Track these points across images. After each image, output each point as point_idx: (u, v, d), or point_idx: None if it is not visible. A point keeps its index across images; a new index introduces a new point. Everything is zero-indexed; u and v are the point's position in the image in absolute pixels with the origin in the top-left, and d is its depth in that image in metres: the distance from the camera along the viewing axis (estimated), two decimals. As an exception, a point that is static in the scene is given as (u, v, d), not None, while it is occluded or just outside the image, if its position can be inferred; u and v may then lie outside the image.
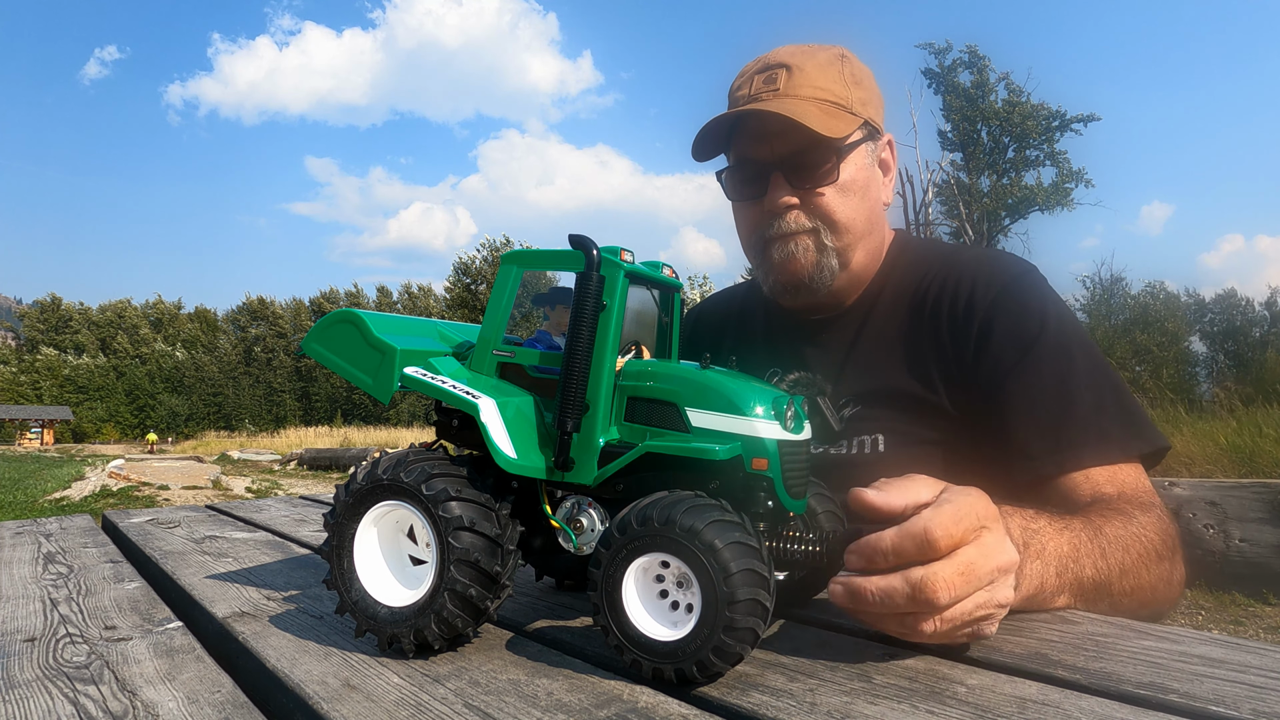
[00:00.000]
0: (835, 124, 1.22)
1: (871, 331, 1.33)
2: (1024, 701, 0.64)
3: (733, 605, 0.65)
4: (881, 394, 1.27)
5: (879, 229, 1.36)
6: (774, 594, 0.68)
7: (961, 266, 1.30)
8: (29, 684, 0.76)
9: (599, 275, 0.77)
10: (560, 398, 0.78)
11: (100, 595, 1.11)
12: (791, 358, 1.38)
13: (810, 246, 1.28)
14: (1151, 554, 0.98)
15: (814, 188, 1.26)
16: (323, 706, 0.66)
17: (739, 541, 0.67)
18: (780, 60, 1.28)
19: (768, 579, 0.67)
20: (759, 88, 1.27)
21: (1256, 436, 5.64)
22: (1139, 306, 20.58)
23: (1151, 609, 1.01)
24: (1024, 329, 1.20)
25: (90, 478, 14.14)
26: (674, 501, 0.69)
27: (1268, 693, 0.64)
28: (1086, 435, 1.13)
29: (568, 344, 0.77)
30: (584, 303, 0.76)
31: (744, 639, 0.66)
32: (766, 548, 0.70)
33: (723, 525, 0.68)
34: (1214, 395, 8.85)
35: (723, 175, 1.36)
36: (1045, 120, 21.01)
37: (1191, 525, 4.20)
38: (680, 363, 0.84)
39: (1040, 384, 1.17)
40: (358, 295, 70.21)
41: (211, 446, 34.45)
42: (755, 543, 0.68)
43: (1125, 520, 0.99)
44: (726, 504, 0.70)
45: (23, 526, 1.77)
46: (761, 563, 0.67)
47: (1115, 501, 1.05)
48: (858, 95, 1.28)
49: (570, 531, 0.80)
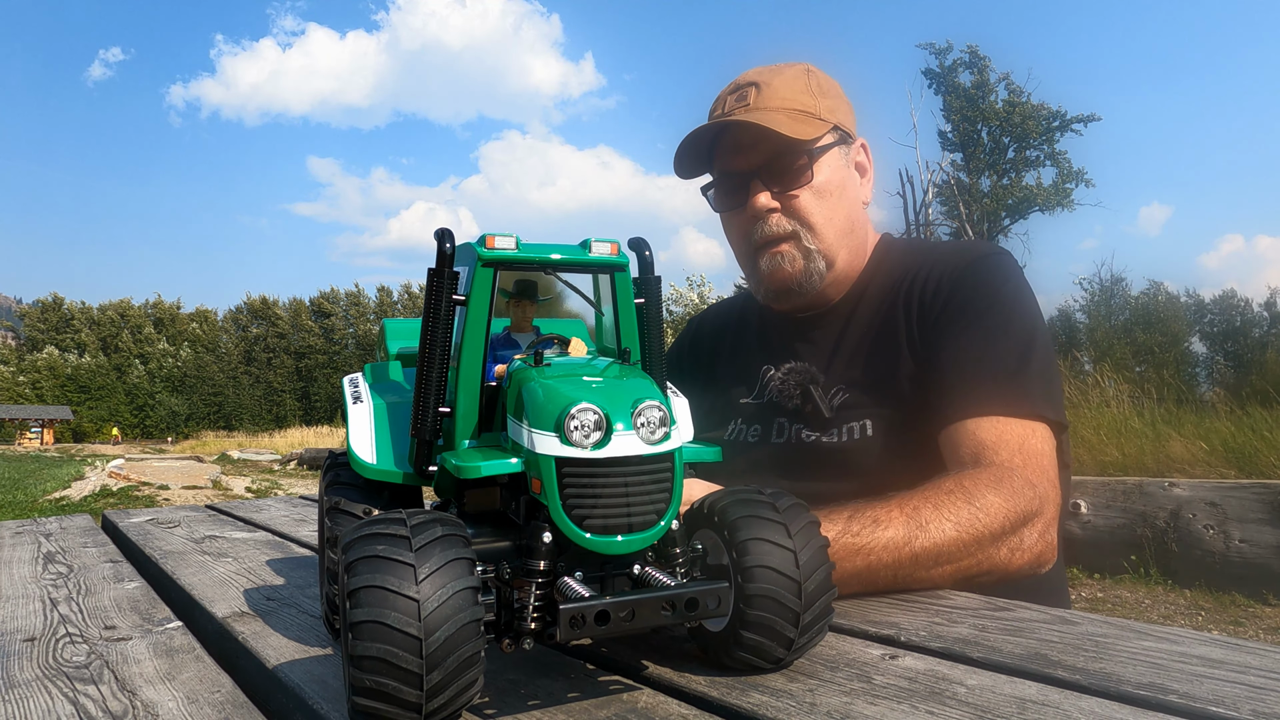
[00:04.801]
0: (803, 128, 1.30)
1: (857, 324, 1.39)
2: (1024, 702, 0.64)
3: (353, 628, 0.55)
4: (868, 383, 1.32)
5: (860, 229, 1.43)
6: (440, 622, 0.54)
7: (937, 256, 1.38)
8: (29, 684, 0.76)
9: (450, 270, 0.69)
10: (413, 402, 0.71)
11: (100, 595, 1.11)
12: (785, 353, 1.44)
13: (796, 255, 1.36)
14: (984, 536, 1.00)
15: (789, 190, 1.34)
16: (322, 706, 0.66)
17: (368, 556, 0.56)
18: (749, 79, 1.38)
19: (396, 598, 0.54)
20: (731, 105, 1.37)
21: (1256, 437, 5.64)
22: (1139, 307, 20.59)
23: (1000, 576, 1.04)
24: (975, 300, 1.27)
25: (90, 477, 14.13)
26: (365, 523, 0.60)
27: (1268, 693, 0.64)
28: (987, 384, 1.18)
29: (419, 344, 0.70)
30: (432, 300, 0.69)
31: (369, 668, 0.54)
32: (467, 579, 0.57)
33: (366, 541, 0.57)
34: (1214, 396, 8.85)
35: (708, 190, 1.45)
36: (1045, 120, 21.01)
37: (1191, 525, 4.20)
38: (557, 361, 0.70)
39: (968, 345, 1.23)
40: (358, 295, 70.24)
41: (211, 446, 34.44)
42: (395, 561, 0.56)
43: (964, 504, 1.01)
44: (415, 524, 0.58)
45: (23, 526, 1.77)
46: (402, 580, 0.55)
47: (975, 475, 1.07)
48: (825, 104, 1.36)
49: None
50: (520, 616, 0.62)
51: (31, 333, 65.64)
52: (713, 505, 0.71)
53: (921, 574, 0.98)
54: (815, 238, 1.34)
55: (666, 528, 0.65)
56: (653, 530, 0.64)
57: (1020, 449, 1.13)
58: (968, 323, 1.25)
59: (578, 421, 0.61)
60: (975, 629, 0.83)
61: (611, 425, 0.61)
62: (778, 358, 1.43)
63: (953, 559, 0.99)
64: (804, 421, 1.35)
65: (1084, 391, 7.79)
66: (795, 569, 0.67)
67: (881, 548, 0.95)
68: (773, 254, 1.36)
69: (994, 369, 1.20)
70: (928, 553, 0.97)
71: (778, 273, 1.36)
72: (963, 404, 1.19)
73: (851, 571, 0.93)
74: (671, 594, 0.61)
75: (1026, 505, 1.05)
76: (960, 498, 1.02)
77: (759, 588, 0.67)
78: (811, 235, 1.34)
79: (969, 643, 0.78)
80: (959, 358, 1.23)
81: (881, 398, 1.30)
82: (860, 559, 0.94)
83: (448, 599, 0.55)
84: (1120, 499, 4.50)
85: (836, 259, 1.37)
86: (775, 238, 1.35)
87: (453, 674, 0.56)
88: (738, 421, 1.45)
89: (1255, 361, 14.67)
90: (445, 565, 0.56)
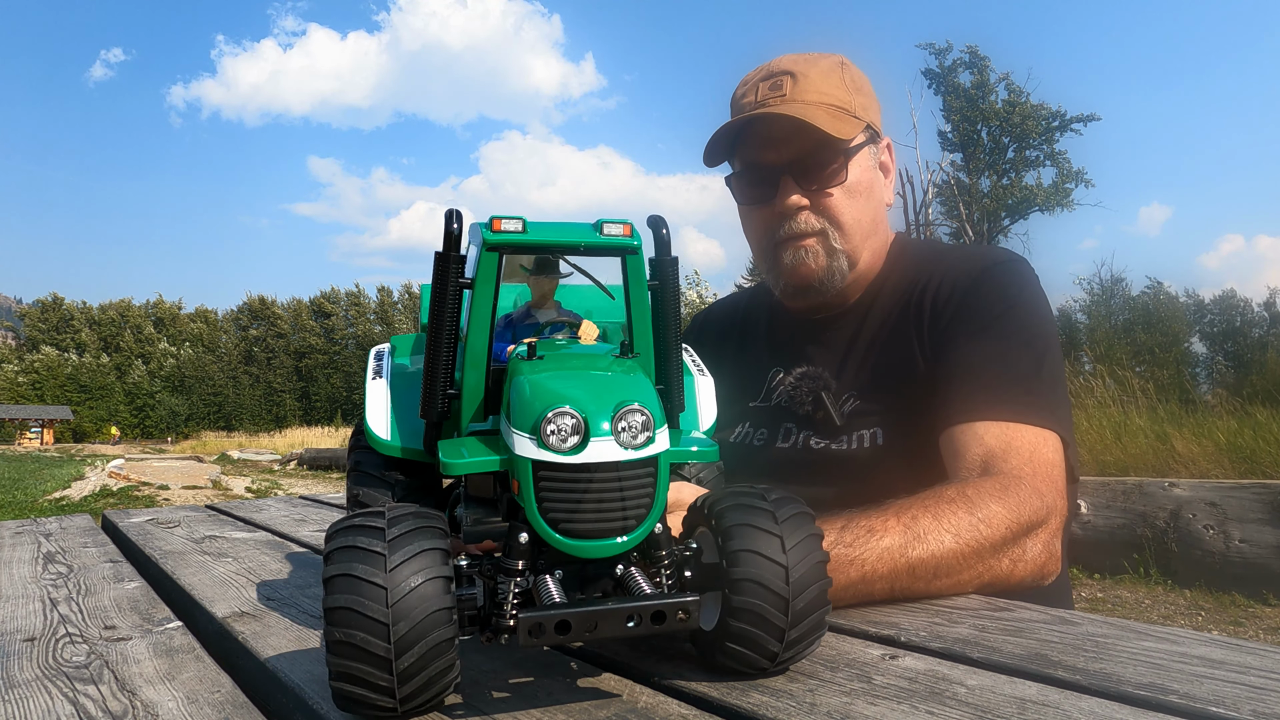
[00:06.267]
0: (842, 126, 1.26)
1: (870, 329, 1.36)
2: (1024, 702, 0.64)
3: (326, 614, 0.57)
4: (879, 389, 1.30)
5: (882, 230, 1.40)
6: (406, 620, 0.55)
7: (951, 260, 1.35)
8: (28, 684, 0.76)
9: (456, 253, 0.68)
10: (422, 384, 0.72)
11: (100, 595, 1.11)
12: (796, 356, 1.41)
13: (820, 251, 1.32)
14: (985, 547, 0.96)
15: (823, 189, 1.30)
16: (322, 706, 0.66)
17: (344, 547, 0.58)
18: (784, 68, 1.32)
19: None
20: (765, 94, 1.31)
21: (1256, 437, 5.64)
22: (1139, 307, 20.57)
23: (1004, 587, 1.00)
24: (990, 306, 1.25)
25: (90, 477, 14.14)
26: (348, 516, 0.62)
27: (1268, 694, 0.64)
28: (998, 389, 1.16)
29: (428, 326, 0.70)
30: (438, 282, 0.69)
31: (342, 653, 0.56)
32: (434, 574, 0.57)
33: (345, 533, 0.59)
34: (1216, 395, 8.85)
35: (730, 181, 1.40)
36: (1045, 120, 21.01)
37: (1191, 526, 4.20)
38: (550, 353, 0.70)
39: (980, 348, 1.21)
40: (359, 295, 70.22)
41: (211, 446, 34.44)
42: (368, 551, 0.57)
43: (966, 512, 0.97)
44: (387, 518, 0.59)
45: (23, 526, 1.77)
46: (373, 569, 0.56)
47: (981, 483, 1.03)
48: (859, 100, 1.32)
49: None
50: (499, 613, 0.62)
51: (31, 333, 65.64)
52: (712, 506, 0.69)
53: (920, 586, 0.93)
54: (843, 237, 1.31)
55: (646, 533, 0.63)
56: (631, 536, 0.62)
57: (1031, 458, 1.09)
58: (981, 326, 1.23)
59: (555, 425, 0.60)
60: (975, 629, 0.83)
61: (590, 429, 0.60)
62: (788, 361, 1.41)
63: (951, 572, 0.94)
64: (813, 428, 1.33)
65: (1086, 391, 7.79)
66: (785, 585, 0.64)
67: (876, 558, 0.90)
68: (797, 248, 1.32)
69: (1007, 373, 1.17)
70: (924, 564, 0.92)
71: (800, 268, 1.32)
72: (971, 406, 1.15)
73: (844, 584, 0.88)
74: (637, 606, 0.58)
75: (1031, 515, 1.02)
76: (962, 507, 0.98)
77: (744, 601, 0.64)
78: (840, 234, 1.31)
79: (969, 643, 0.78)
80: (970, 360, 1.20)
81: (892, 404, 1.27)
82: (854, 570, 0.89)
83: (416, 587, 0.56)
84: (1120, 499, 4.50)
85: (860, 259, 1.35)
86: (802, 234, 1.31)
87: (423, 659, 0.56)
88: (745, 424, 1.43)
89: (1255, 361, 14.65)
90: (415, 556, 0.57)
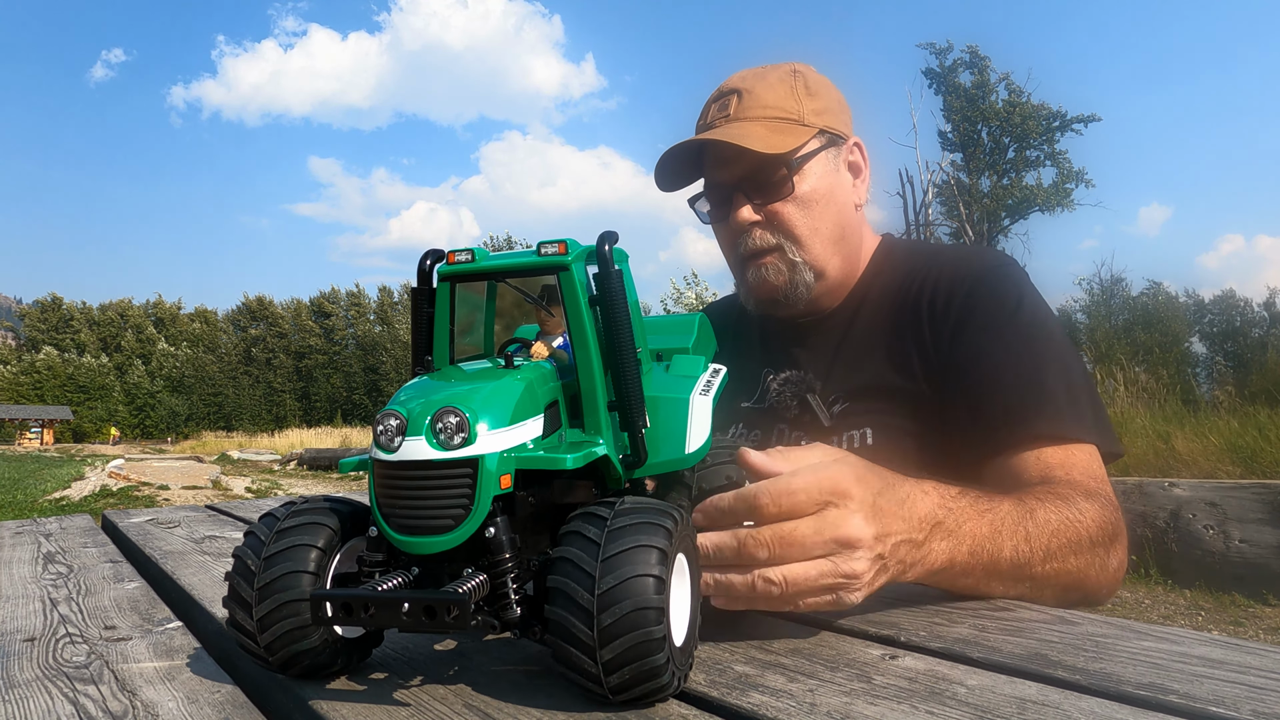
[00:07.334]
0: (782, 140, 1.27)
1: (858, 331, 1.37)
2: (1024, 702, 0.64)
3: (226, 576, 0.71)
4: (868, 389, 1.30)
5: (853, 233, 1.39)
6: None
7: (943, 262, 1.34)
8: (29, 684, 0.76)
9: (427, 287, 0.77)
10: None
11: (100, 595, 1.11)
12: (783, 359, 1.42)
13: (781, 267, 1.33)
14: (1084, 540, 0.97)
15: (768, 203, 1.31)
16: (322, 706, 0.66)
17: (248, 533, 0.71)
18: (732, 86, 1.35)
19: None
20: (714, 115, 1.34)
21: (1256, 437, 5.65)
22: (1139, 307, 20.58)
23: (1083, 593, 1.01)
24: (998, 312, 1.24)
25: (90, 478, 14.14)
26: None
27: (1268, 694, 0.64)
28: (1044, 408, 1.14)
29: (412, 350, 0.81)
30: (413, 312, 0.78)
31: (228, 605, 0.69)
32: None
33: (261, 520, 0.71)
34: (1217, 395, 8.85)
35: (696, 201, 1.43)
36: (1045, 120, 21.02)
37: (1191, 526, 4.20)
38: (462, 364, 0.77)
39: (1009, 361, 1.20)
40: (359, 295, 70.24)
41: (211, 446, 34.44)
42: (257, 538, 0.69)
43: (1062, 504, 0.98)
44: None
45: (23, 526, 1.77)
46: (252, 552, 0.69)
47: (1059, 486, 1.04)
48: (811, 106, 1.32)
49: None
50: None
51: (31, 333, 65.66)
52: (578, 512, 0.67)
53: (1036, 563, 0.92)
54: (801, 249, 1.32)
55: (467, 533, 0.64)
56: (450, 535, 0.64)
57: (1088, 474, 1.09)
58: (1001, 341, 1.21)
59: (383, 426, 0.65)
60: (975, 629, 0.83)
61: (409, 430, 0.64)
62: (778, 363, 1.42)
63: (1054, 556, 0.94)
64: (803, 429, 1.33)
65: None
66: (590, 597, 0.60)
67: (1003, 516, 0.90)
68: (757, 266, 1.33)
69: (1042, 395, 1.15)
70: (1037, 537, 0.92)
71: (763, 285, 1.34)
72: (1017, 432, 1.13)
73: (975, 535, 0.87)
74: (410, 597, 0.61)
75: (1114, 524, 1.02)
76: (1055, 500, 0.98)
77: (551, 611, 0.62)
78: (797, 247, 1.31)
79: (969, 643, 0.78)
80: (998, 382, 1.18)
81: (883, 405, 1.28)
82: (985, 522, 0.88)
83: (276, 578, 0.67)
84: (1120, 499, 4.46)
85: (826, 268, 1.34)
86: (760, 250, 1.32)
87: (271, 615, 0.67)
88: (738, 426, 1.44)
89: (1255, 361, 14.67)
90: (284, 550, 0.68)
